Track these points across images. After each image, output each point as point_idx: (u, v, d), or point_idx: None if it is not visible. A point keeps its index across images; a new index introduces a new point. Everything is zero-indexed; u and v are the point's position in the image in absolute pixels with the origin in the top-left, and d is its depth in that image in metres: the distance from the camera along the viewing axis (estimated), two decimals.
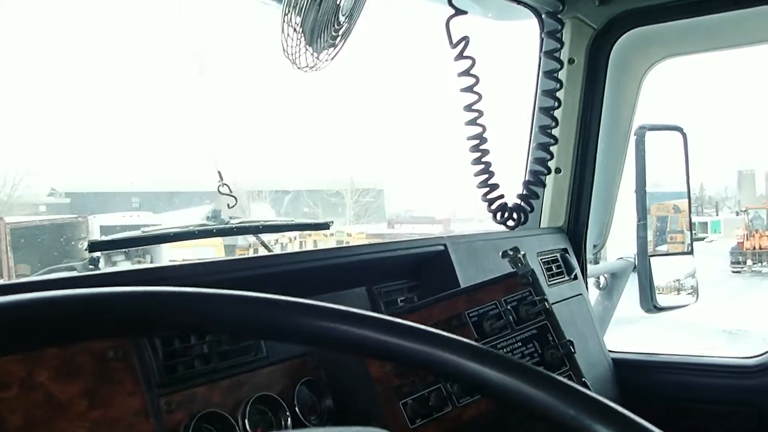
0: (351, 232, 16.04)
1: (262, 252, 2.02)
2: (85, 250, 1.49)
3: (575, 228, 2.24)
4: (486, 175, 1.30)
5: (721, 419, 2.04)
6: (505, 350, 1.43)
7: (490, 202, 1.30)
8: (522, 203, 1.29)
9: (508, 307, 1.47)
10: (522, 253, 1.53)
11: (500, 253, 1.54)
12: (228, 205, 1.70)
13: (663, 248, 2.93)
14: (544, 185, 1.36)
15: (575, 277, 2.18)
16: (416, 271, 1.66)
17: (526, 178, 1.32)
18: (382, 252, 1.59)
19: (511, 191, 1.61)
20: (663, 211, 2.91)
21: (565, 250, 2.19)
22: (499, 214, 1.32)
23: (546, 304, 1.50)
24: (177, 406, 1.10)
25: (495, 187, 1.32)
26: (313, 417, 1.28)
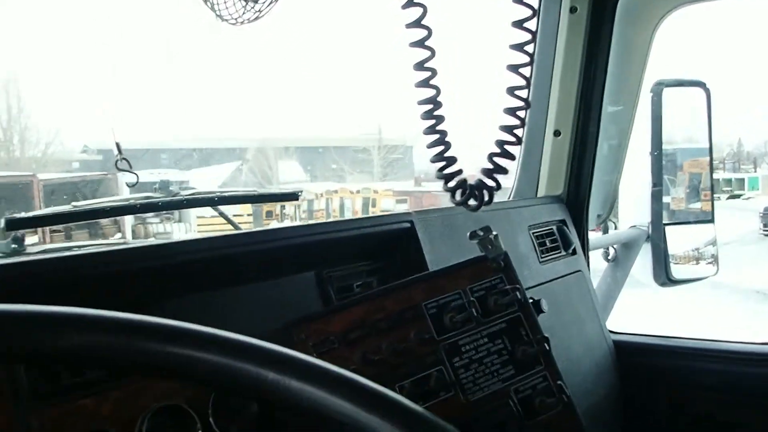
0: (378, 189, 15.85)
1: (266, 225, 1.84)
2: (2, 228, 1.33)
3: (576, 197, 2.02)
4: (441, 147, 1.10)
5: (729, 408, 1.83)
6: (467, 347, 1.24)
7: (447, 178, 1.10)
8: (485, 179, 1.10)
9: (473, 297, 1.27)
10: (494, 233, 1.32)
11: (467, 234, 1.33)
12: (127, 183, 1.51)
13: (696, 206, 2.72)
14: (512, 157, 1.16)
15: (573, 252, 1.96)
16: (377, 253, 1.47)
17: (492, 150, 1.12)
18: (337, 231, 1.40)
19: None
20: (697, 167, 2.70)
21: (563, 222, 1.97)
22: (458, 193, 1.12)
23: (519, 293, 1.29)
24: (54, 425, 0.94)
25: (452, 160, 1.12)
26: (234, 426, 1.11)
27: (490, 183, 1.16)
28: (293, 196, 1.74)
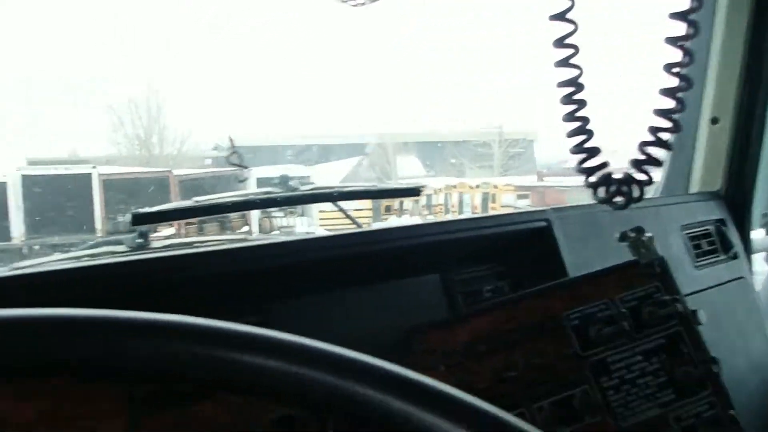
0: (498, 184, 15.51)
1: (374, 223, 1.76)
2: (129, 223, 1.32)
3: (736, 193, 1.76)
4: (583, 136, 0.94)
5: None
6: (617, 365, 1.08)
7: (588, 172, 0.95)
8: (636, 173, 0.93)
9: (624, 308, 1.10)
10: (647, 235, 1.14)
11: (617, 235, 1.16)
12: (237, 178, 1.45)
13: None
14: (668, 147, 0.97)
15: (735, 256, 1.71)
16: (509, 254, 1.32)
17: (644, 139, 0.94)
18: (465, 230, 1.27)
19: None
20: None
21: (722, 222, 1.73)
22: (602, 189, 0.96)
23: (679, 305, 1.11)
24: (166, 430, 0.89)
25: (594, 152, 0.96)
26: None
27: (641, 176, 0.98)
28: (414, 192, 1.63)
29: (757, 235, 1.89)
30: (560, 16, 0.91)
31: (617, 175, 1.00)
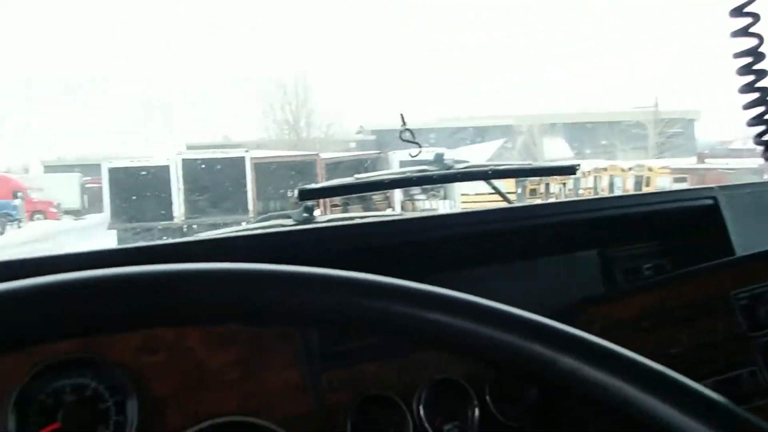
0: (652, 166, 14.65)
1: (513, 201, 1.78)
2: (295, 198, 1.43)
3: None
4: (762, 108, 0.89)
5: None
6: None
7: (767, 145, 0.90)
8: None
9: None
10: None
11: None
12: (410, 154, 1.49)
13: None
14: None
15: None
16: (670, 233, 1.28)
17: None
18: (624, 207, 1.25)
19: None
20: None
21: None
22: None
23: None
24: (340, 384, 0.97)
25: None
26: (512, 410, 1.05)
27: None
28: (570, 170, 1.61)
29: None
30: None
31: None
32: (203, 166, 16.68)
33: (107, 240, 15.68)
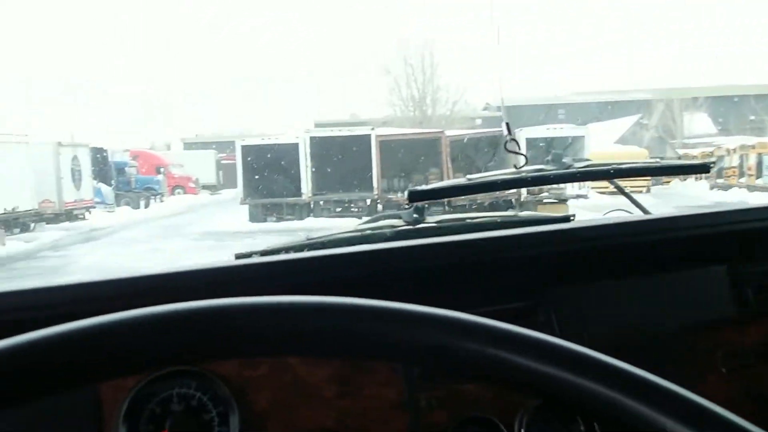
0: None
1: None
2: (405, 201, 1.41)
3: None
4: None
5: None
6: None
7: None
8: None
9: None
10: None
11: None
12: (515, 165, 1.41)
13: None
14: None
15: None
16: None
17: None
18: (759, 220, 1.12)
19: None
20: None
21: None
22: None
23: None
24: (438, 404, 0.95)
25: None
26: None
27: None
28: (703, 168, 1.48)
29: None
30: None
31: None
32: (330, 144, 17.10)
33: (240, 214, 16.55)
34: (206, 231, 14.96)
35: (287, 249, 1.37)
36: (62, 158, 18.30)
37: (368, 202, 16.53)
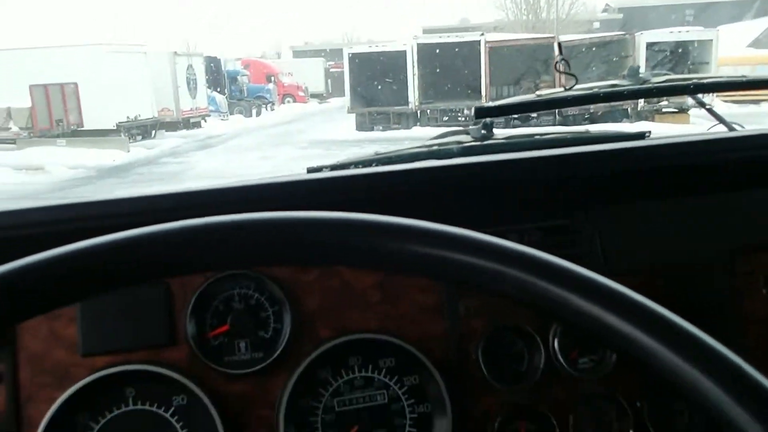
0: None
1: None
2: (474, 117, 1.43)
3: None
4: None
5: None
6: None
7: None
8: None
9: None
10: None
11: None
12: (564, 87, 1.35)
13: None
14: None
15: None
16: None
17: None
18: None
19: None
20: None
21: None
22: None
23: None
24: (476, 312, 1.01)
25: None
26: None
27: None
28: None
29: None
30: None
31: None
32: (438, 50, 16.73)
33: (348, 123, 16.77)
34: (314, 140, 15.33)
35: (356, 164, 1.43)
36: (178, 67, 19.08)
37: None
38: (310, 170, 1.41)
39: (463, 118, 16.00)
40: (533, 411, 0.98)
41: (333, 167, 1.43)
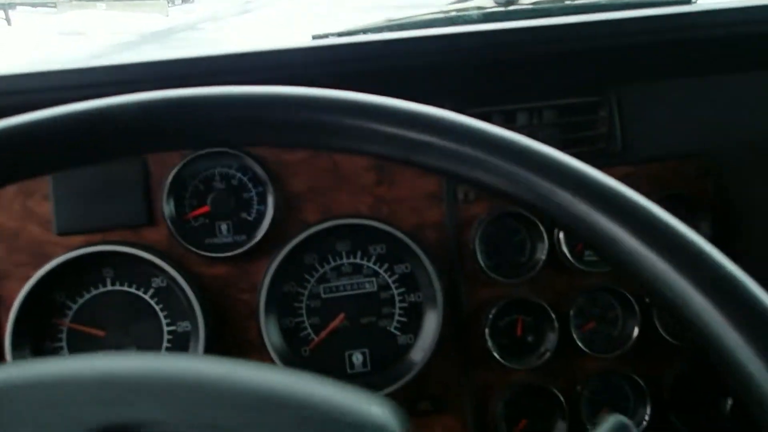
0: None
1: None
2: None
3: None
4: None
5: None
6: None
7: None
8: None
9: None
10: None
11: None
12: None
13: None
14: None
15: None
16: None
17: None
18: None
19: None
20: None
21: None
22: None
23: None
24: (476, 198, 0.93)
25: None
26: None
27: None
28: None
29: None
30: None
31: None
32: None
33: None
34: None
35: (366, 30, 1.32)
36: None
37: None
38: (315, 37, 1.30)
39: None
40: (531, 303, 0.92)
41: (340, 34, 1.31)
